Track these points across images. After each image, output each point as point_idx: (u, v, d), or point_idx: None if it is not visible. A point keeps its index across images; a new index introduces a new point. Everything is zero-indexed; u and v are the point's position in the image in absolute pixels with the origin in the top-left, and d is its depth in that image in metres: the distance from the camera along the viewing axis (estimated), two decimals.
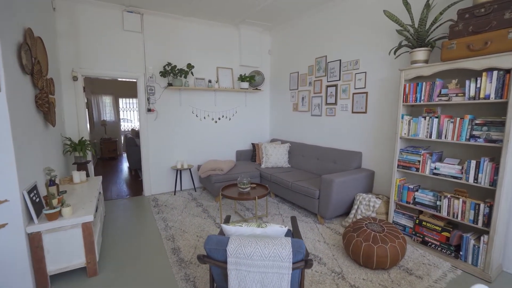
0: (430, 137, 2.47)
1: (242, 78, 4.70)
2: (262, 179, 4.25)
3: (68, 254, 2.12)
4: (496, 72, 2.00)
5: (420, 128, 2.54)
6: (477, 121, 2.16)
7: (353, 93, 3.57)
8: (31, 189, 2.00)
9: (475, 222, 2.19)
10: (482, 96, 2.10)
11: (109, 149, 7.98)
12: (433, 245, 2.51)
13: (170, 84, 4.19)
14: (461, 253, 2.30)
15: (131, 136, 6.39)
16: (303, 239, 2.72)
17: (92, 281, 2.17)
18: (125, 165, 7.11)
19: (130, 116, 9.34)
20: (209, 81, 4.58)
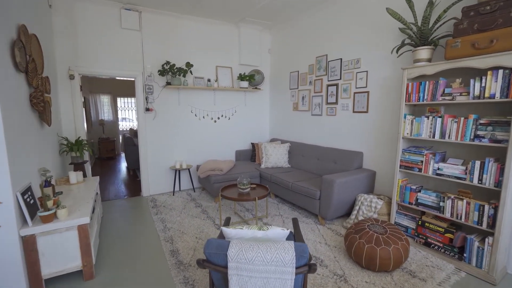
0: (433, 137, 2.43)
1: (242, 77, 4.65)
2: (262, 180, 4.20)
3: (64, 257, 2.07)
4: (502, 71, 1.97)
5: (423, 128, 2.50)
6: (482, 121, 2.12)
7: (354, 93, 3.52)
8: (25, 191, 1.95)
9: (480, 224, 2.16)
10: (487, 95, 2.06)
11: (107, 149, 7.93)
12: (436, 247, 2.47)
13: (169, 83, 4.13)
14: (465, 255, 2.27)
15: (130, 136, 6.33)
16: (304, 241, 2.67)
17: (89, 285, 2.11)
18: (123, 165, 7.05)
19: (130, 115, 9.28)
20: (208, 80, 4.52)
